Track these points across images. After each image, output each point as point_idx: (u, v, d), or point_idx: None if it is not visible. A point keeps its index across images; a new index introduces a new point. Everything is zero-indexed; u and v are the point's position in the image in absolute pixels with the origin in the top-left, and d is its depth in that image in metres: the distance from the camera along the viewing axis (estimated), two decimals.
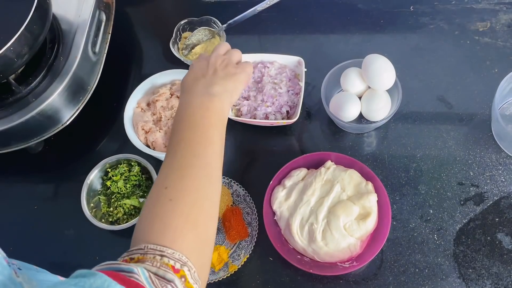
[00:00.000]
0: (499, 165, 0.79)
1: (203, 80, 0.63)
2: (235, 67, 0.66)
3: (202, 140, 0.57)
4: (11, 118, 0.79)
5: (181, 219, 0.51)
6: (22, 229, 0.85)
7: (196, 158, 0.56)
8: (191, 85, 0.63)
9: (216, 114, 0.60)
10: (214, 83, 0.62)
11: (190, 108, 0.60)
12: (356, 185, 0.74)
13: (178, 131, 0.59)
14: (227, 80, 0.63)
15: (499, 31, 0.91)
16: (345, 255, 0.71)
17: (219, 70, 0.64)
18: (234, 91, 0.64)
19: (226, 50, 0.70)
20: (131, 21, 1.05)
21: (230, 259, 0.75)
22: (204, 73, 0.64)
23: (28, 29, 0.74)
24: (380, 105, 0.80)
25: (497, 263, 0.72)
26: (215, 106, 0.60)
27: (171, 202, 0.52)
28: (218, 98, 0.61)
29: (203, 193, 0.54)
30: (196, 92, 0.62)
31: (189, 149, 0.56)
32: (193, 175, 0.54)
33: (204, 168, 0.56)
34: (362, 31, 0.95)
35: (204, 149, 0.57)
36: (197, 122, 0.58)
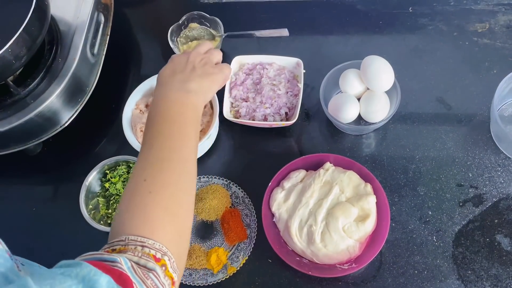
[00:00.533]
0: (498, 167, 0.79)
1: (180, 75, 0.64)
2: (213, 67, 0.68)
3: (180, 135, 0.58)
4: (9, 120, 0.79)
5: (161, 211, 0.52)
6: (20, 230, 0.85)
7: (173, 153, 0.57)
8: (168, 79, 0.64)
9: (191, 110, 0.62)
10: (190, 79, 0.63)
11: (167, 103, 0.61)
12: (355, 186, 0.74)
13: (154, 124, 0.59)
14: (203, 79, 0.65)
15: (497, 32, 0.91)
16: (344, 257, 0.71)
17: (197, 67, 0.65)
18: (209, 90, 0.66)
19: (207, 49, 0.71)
20: (129, 23, 1.05)
21: (229, 261, 0.75)
22: (182, 68, 0.65)
23: (27, 31, 0.73)
24: (379, 106, 0.80)
25: (496, 264, 0.72)
26: (191, 103, 0.62)
27: (151, 194, 0.53)
28: (194, 94, 0.62)
29: (181, 186, 0.55)
30: (173, 87, 0.63)
31: (166, 143, 0.57)
32: (171, 168, 0.56)
33: (182, 162, 0.57)
34: (361, 33, 0.95)
35: (181, 144, 0.58)
36: (173, 117, 0.60)
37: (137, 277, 0.44)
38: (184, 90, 0.62)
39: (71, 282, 0.39)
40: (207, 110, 0.84)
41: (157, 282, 0.45)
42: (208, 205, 0.78)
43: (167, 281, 0.47)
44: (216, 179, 0.81)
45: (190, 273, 0.75)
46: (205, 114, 0.83)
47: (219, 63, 0.70)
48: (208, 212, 0.78)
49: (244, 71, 0.88)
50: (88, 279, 0.39)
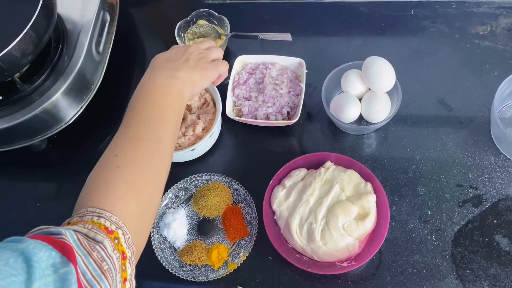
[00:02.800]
0: (497, 168, 0.79)
1: (172, 63, 0.65)
2: (209, 62, 0.69)
3: (159, 117, 0.59)
4: (15, 115, 0.80)
5: (125, 185, 0.53)
6: (24, 225, 0.85)
7: (149, 132, 0.58)
8: (160, 65, 0.65)
9: (176, 96, 0.62)
10: (181, 69, 0.65)
11: (152, 87, 0.62)
12: (355, 185, 0.75)
13: (135, 106, 0.60)
14: (194, 71, 0.66)
15: (499, 35, 0.91)
16: (344, 254, 0.72)
17: (191, 60, 0.67)
18: (199, 83, 0.66)
19: (209, 46, 0.72)
20: (134, 22, 1.06)
21: (229, 258, 0.76)
22: (177, 58, 0.66)
23: (33, 29, 0.75)
24: (380, 107, 0.80)
25: (494, 264, 0.72)
26: (176, 89, 0.63)
27: (118, 169, 0.53)
28: (181, 82, 0.63)
29: (152, 164, 0.56)
30: (162, 73, 0.64)
31: (144, 124, 0.58)
32: (144, 146, 0.56)
33: (156, 143, 0.57)
34: (363, 34, 0.96)
35: (159, 126, 0.59)
36: (156, 100, 0.61)
37: (82, 249, 0.44)
38: (172, 77, 0.63)
39: (10, 255, 0.39)
40: (210, 108, 0.85)
41: (104, 254, 0.45)
42: (210, 202, 0.79)
43: (116, 254, 0.47)
44: (218, 177, 0.82)
45: (191, 269, 0.76)
46: (208, 112, 0.84)
47: (217, 61, 0.71)
48: (210, 209, 0.79)
49: (247, 71, 0.89)
50: (27, 251, 0.40)
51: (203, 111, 0.85)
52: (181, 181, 0.82)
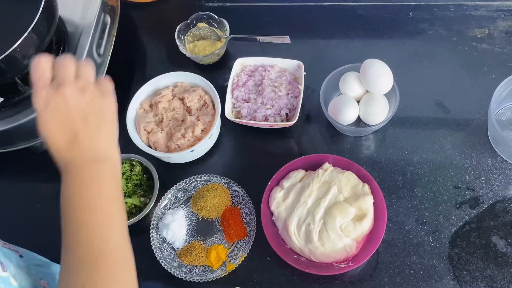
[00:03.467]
0: (494, 170, 0.80)
1: (78, 140, 0.51)
2: (100, 93, 0.53)
3: (105, 219, 0.50)
4: (16, 117, 0.81)
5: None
6: (25, 226, 0.87)
7: (104, 243, 0.50)
8: (68, 152, 0.51)
9: (112, 181, 0.52)
10: (94, 140, 0.51)
11: (81, 185, 0.51)
12: (353, 187, 0.76)
13: (73, 214, 0.51)
14: (103, 125, 0.52)
15: (496, 38, 0.92)
16: (341, 255, 0.72)
17: (87, 112, 0.51)
18: (115, 129, 0.54)
19: (73, 70, 0.53)
20: (135, 24, 1.07)
21: (228, 258, 0.77)
22: (72, 126, 0.51)
23: (35, 31, 0.75)
24: (378, 109, 0.81)
25: (491, 265, 0.73)
26: (109, 173, 0.52)
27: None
28: (108, 159, 0.52)
29: (122, 278, 0.50)
30: (80, 162, 0.51)
31: (93, 234, 0.49)
32: (108, 262, 0.49)
33: (116, 251, 0.50)
34: (361, 36, 0.96)
35: (109, 229, 0.50)
36: (93, 200, 0.50)
37: None
38: (96, 160, 0.51)
39: None
40: (209, 110, 0.86)
41: None
42: (208, 203, 0.79)
43: None
44: (217, 178, 0.83)
45: (189, 270, 0.76)
46: (207, 114, 0.85)
47: (96, 82, 0.55)
48: (209, 210, 0.80)
49: (246, 73, 0.90)
50: None
51: (202, 112, 0.86)
52: (180, 182, 0.83)
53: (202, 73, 0.89)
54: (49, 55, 0.54)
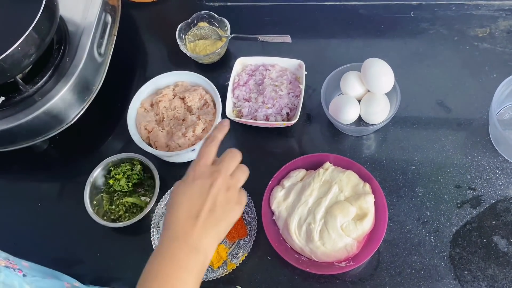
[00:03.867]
0: (496, 169, 0.80)
1: (195, 223, 0.56)
2: (236, 201, 0.59)
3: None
4: (17, 116, 0.81)
5: None
6: (26, 225, 0.87)
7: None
8: (182, 226, 0.56)
9: (197, 276, 0.55)
10: (206, 233, 0.56)
11: (172, 265, 0.54)
12: (354, 186, 0.75)
13: (151, 282, 0.54)
14: (221, 226, 0.57)
15: (498, 37, 0.92)
16: (342, 255, 0.72)
17: (218, 207, 0.57)
18: (224, 234, 0.59)
19: (234, 166, 0.61)
20: (136, 24, 1.07)
21: (228, 258, 0.77)
22: (199, 209, 0.56)
23: (36, 30, 0.75)
24: (379, 108, 0.81)
25: (492, 265, 0.73)
26: (199, 266, 0.56)
27: None
28: (205, 254, 0.56)
29: None
30: (184, 243, 0.55)
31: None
32: None
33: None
34: (363, 36, 0.96)
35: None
36: (176, 284, 0.53)
37: None
38: (195, 250, 0.55)
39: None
40: (210, 109, 0.86)
41: None
42: None
43: None
44: None
45: None
46: (208, 113, 0.85)
47: (240, 189, 0.61)
48: None
49: (247, 72, 0.90)
50: None
51: (203, 112, 0.86)
52: None
53: (203, 72, 0.89)
54: (220, 137, 0.63)
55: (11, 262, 0.65)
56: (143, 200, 0.83)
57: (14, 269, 0.64)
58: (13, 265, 0.65)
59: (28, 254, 0.75)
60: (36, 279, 0.66)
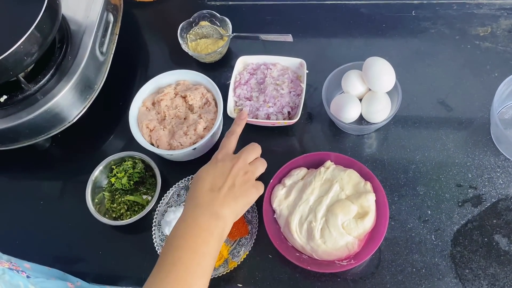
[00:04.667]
0: (497, 168, 0.80)
1: (217, 196, 0.64)
2: (253, 185, 0.67)
3: (198, 269, 0.59)
4: (19, 115, 0.81)
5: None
6: (28, 223, 0.87)
7: (188, 286, 0.58)
8: (204, 197, 0.64)
9: (218, 240, 0.62)
10: (226, 204, 0.63)
11: (195, 228, 0.61)
12: (355, 184, 0.76)
13: (177, 247, 0.60)
14: (238, 201, 0.65)
15: (499, 36, 0.92)
16: (343, 253, 0.72)
17: (236, 185, 0.65)
18: (241, 212, 0.66)
19: (254, 157, 0.70)
20: (137, 23, 1.07)
21: (230, 256, 0.77)
22: (220, 185, 0.64)
23: (38, 29, 0.76)
24: (380, 107, 0.81)
25: (493, 264, 0.73)
26: (219, 231, 0.62)
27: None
28: (223, 222, 0.63)
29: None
30: (206, 209, 0.63)
31: (183, 274, 0.58)
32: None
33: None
34: (364, 35, 0.96)
35: (197, 279, 0.59)
36: (197, 247, 0.60)
37: None
38: (216, 216, 0.62)
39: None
40: (211, 108, 0.86)
41: None
42: None
43: None
44: None
45: None
46: (209, 112, 0.85)
47: (257, 180, 0.69)
48: None
49: (249, 71, 0.90)
50: None
51: (204, 110, 0.86)
52: (182, 180, 0.83)
53: (205, 71, 0.90)
54: (239, 130, 0.74)
55: (14, 264, 0.66)
56: (144, 198, 0.83)
57: (18, 271, 0.65)
58: (16, 267, 0.65)
59: (29, 252, 0.75)
60: (40, 280, 0.67)
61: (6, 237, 0.86)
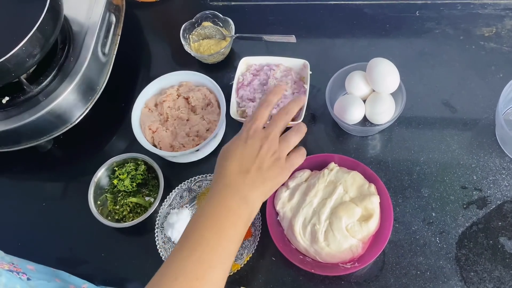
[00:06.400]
0: (502, 170, 0.79)
1: (246, 178, 0.62)
2: (283, 166, 0.65)
3: (223, 251, 0.58)
4: (21, 116, 0.81)
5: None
6: (30, 225, 0.87)
7: (211, 269, 0.57)
8: (234, 178, 0.62)
9: (245, 223, 0.61)
10: (255, 187, 0.62)
11: (223, 209, 0.60)
12: (359, 186, 0.75)
13: (204, 226, 0.59)
14: (267, 184, 0.63)
15: (504, 37, 0.91)
16: (347, 256, 0.72)
17: (265, 167, 0.63)
18: (269, 194, 0.65)
19: (285, 123, 0.68)
20: (140, 23, 1.07)
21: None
22: (249, 166, 0.63)
23: (40, 30, 0.75)
24: (384, 108, 0.80)
25: (499, 267, 0.72)
26: (247, 215, 0.62)
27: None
28: (253, 205, 0.62)
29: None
30: (236, 192, 0.62)
31: (208, 254, 0.57)
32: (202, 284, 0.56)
33: (214, 283, 0.57)
34: (367, 35, 0.96)
35: (221, 262, 0.58)
36: (225, 228, 0.59)
37: None
38: (245, 200, 0.61)
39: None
40: (214, 109, 0.86)
41: None
42: None
43: None
44: None
45: None
46: (212, 113, 0.85)
47: (292, 155, 0.67)
48: None
49: (252, 72, 0.90)
50: None
51: (207, 112, 0.85)
52: (185, 181, 0.83)
53: (207, 72, 0.89)
54: (275, 101, 0.70)
55: (16, 266, 0.65)
56: (147, 200, 0.83)
57: (18, 272, 0.64)
58: (17, 269, 0.65)
59: (32, 254, 0.75)
60: (41, 282, 0.66)
61: (9, 238, 0.86)
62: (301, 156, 0.69)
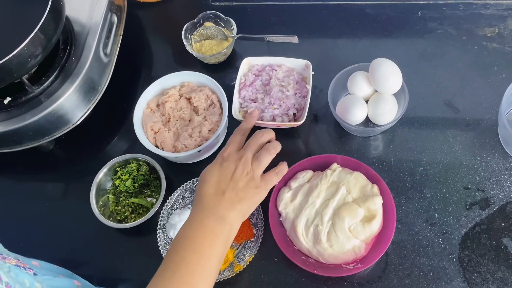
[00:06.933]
0: (505, 170, 0.79)
1: (222, 199, 0.64)
2: (258, 185, 0.67)
3: (203, 271, 0.60)
4: (23, 117, 0.81)
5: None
6: (32, 225, 0.87)
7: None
8: (209, 200, 0.65)
9: (224, 243, 0.63)
10: (231, 207, 0.64)
11: (201, 230, 0.62)
12: (362, 187, 0.75)
13: (182, 249, 0.61)
14: (244, 203, 0.65)
15: (507, 37, 0.91)
16: (350, 257, 0.72)
17: (239, 186, 0.65)
18: (248, 213, 0.67)
19: (259, 148, 0.70)
20: (141, 24, 1.07)
21: (235, 259, 0.76)
22: (224, 188, 0.65)
23: (42, 31, 0.75)
24: (387, 108, 0.80)
25: (502, 267, 0.72)
26: (225, 234, 0.63)
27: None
28: (230, 224, 0.64)
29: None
30: (211, 213, 0.63)
31: (188, 276, 0.59)
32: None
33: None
34: (370, 36, 0.96)
35: (201, 281, 0.60)
36: (203, 249, 0.61)
37: None
38: (222, 220, 0.63)
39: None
40: (216, 109, 0.85)
41: None
42: None
43: None
44: None
45: None
46: (214, 114, 0.85)
47: (268, 175, 0.69)
48: None
49: (254, 72, 0.90)
50: None
51: (209, 112, 0.85)
52: (187, 182, 0.83)
53: (209, 72, 0.89)
54: (247, 127, 0.74)
55: (21, 262, 0.65)
56: (149, 201, 0.83)
57: (25, 268, 0.64)
58: (23, 264, 0.65)
59: (34, 254, 0.75)
60: (47, 277, 0.66)
61: (10, 238, 0.85)
62: (276, 175, 0.70)
